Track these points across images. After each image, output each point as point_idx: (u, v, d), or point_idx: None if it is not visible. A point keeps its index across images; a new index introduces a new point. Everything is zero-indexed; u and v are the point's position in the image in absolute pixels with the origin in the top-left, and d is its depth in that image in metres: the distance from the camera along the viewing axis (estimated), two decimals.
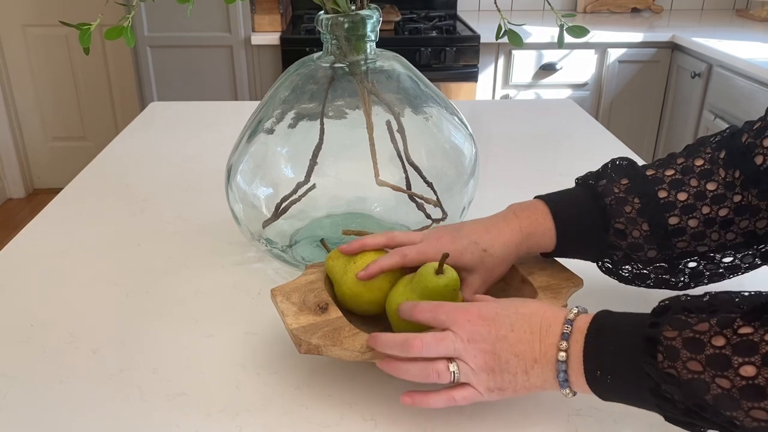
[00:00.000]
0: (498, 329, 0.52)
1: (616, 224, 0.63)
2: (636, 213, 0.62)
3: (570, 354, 0.50)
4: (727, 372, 0.42)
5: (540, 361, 0.51)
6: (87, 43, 0.66)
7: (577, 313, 0.52)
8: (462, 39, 2.46)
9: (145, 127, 1.37)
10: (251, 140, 0.76)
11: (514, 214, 0.65)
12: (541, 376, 0.51)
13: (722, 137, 0.63)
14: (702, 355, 0.43)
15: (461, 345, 0.52)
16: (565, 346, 0.50)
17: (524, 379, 0.52)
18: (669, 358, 0.44)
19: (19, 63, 2.96)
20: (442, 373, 0.52)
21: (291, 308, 0.59)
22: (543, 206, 0.65)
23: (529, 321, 0.52)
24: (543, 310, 0.53)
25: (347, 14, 0.72)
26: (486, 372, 0.52)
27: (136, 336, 0.68)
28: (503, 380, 0.52)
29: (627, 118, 2.62)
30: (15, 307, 0.74)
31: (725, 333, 0.43)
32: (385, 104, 0.74)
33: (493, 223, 0.65)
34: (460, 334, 0.53)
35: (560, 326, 0.51)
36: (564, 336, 0.50)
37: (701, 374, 0.43)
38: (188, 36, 2.47)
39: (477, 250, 0.63)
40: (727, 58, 2.16)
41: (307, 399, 0.59)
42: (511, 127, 1.36)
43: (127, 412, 0.58)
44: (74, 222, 0.94)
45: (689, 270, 0.65)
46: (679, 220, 0.62)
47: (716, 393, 0.42)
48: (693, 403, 0.44)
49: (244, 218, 0.78)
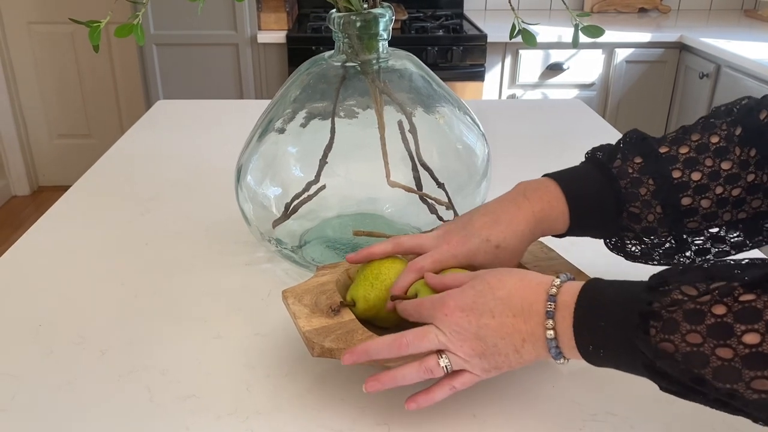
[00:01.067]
0: (478, 318, 0.51)
1: (631, 208, 0.62)
2: (650, 195, 0.61)
3: (558, 331, 0.49)
4: (729, 341, 0.40)
5: (529, 340, 0.50)
6: (97, 41, 0.66)
7: (559, 285, 0.50)
8: (469, 38, 2.45)
9: (151, 126, 1.36)
10: (262, 139, 0.75)
11: (525, 196, 0.63)
12: (533, 353, 0.51)
13: (738, 111, 0.61)
14: (702, 325, 0.41)
15: (445, 338, 0.52)
16: (552, 324, 0.49)
17: (516, 357, 0.51)
18: (665, 331, 0.42)
19: (25, 60, 2.96)
20: (434, 369, 0.52)
21: (303, 310, 0.59)
22: (555, 187, 0.63)
23: (509, 303, 0.51)
24: (521, 287, 0.51)
25: (360, 12, 0.71)
26: (477, 357, 0.52)
27: (144, 337, 0.68)
28: (496, 361, 0.52)
29: (634, 118, 2.61)
30: (23, 307, 0.73)
31: (726, 301, 0.41)
32: (397, 104, 0.73)
33: (503, 210, 0.62)
34: (442, 328, 0.53)
35: (543, 304, 0.49)
36: (548, 314, 0.49)
37: (700, 346, 0.41)
38: (194, 34, 2.47)
39: (490, 248, 0.61)
40: (735, 59, 2.15)
41: (319, 402, 0.59)
42: (519, 127, 1.35)
43: (137, 415, 0.57)
44: (81, 221, 0.93)
45: (695, 247, 0.64)
46: (691, 200, 0.61)
47: (716, 365, 0.41)
48: (690, 378, 0.42)
49: (254, 218, 0.77)
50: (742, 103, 0.62)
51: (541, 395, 0.60)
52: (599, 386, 0.61)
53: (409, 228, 0.79)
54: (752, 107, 0.61)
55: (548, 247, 0.70)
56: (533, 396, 0.60)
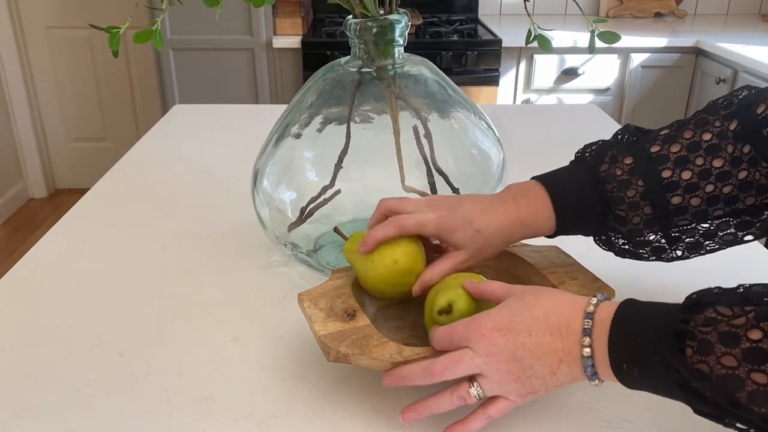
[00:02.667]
0: (515, 337, 0.51)
1: (616, 211, 0.62)
2: (639, 196, 0.61)
3: (594, 349, 0.48)
4: (764, 366, 0.40)
5: (565, 360, 0.50)
6: (116, 46, 0.66)
7: (596, 304, 0.50)
8: (483, 43, 2.45)
9: (167, 130, 1.37)
10: (278, 144, 0.76)
11: (514, 200, 0.63)
12: (569, 374, 0.50)
13: (735, 105, 0.61)
14: (737, 348, 0.41)
15: (480, 360, 0.51)
16: (588, 342, 0.48)
17: (553, 379, 0.51)
18: (701, 352, 0.42)
19: (43, 64, 3.00)
20: (466, 397, 0.53)
21: (318, 314, 0.59)
22: (542, 192, 0.63)
23: (546, 322, 0.51)
24: (558, 306, 0.51)
25: (376, 19, 0.71)
26: (513, 382, 0.51)
27: (161, 339, 0.68)
28: (532, 385, 0.51)
29: (649, 124, 2.58)
30: (41, 309, 0.74)
31: (762, 326, 0.41)
32: (412, 109, 0.74)
33: (492, 206, 0.63)
34: (478, 350, 0.52)
35: (580, 322, 0.49)
36: (585, 332, 0.49)
37: (736, 369, 0.41)
38: (210, 39, 2.49)
39: (470, 229, 0.62)
40: (752, 64, 2.13)
41: (334, 406, 0.59)
42: (534, 132, 1.35)
43: (154, 417, 0.58)
44: (98, 225, 0.94)
45: (686, 243, 0.64)
46: (681, 199, 0.61)
47: (751, 389, 0.40)
48: (725, 401, 0.42)
49: (270, 222, 0.78)
50: (740, 95, 0.61)
51: (558, 401, 0.60)
52: (616, 393, 0.60)
53: None
54: (751, 101, 0.60)
55: (565, 253, 0.70)
56: (549, 402, 0.60)
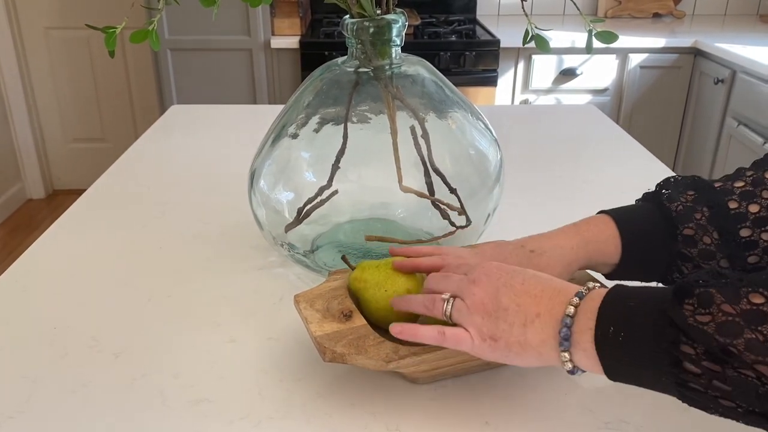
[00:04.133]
0: (508, 278, 0.51)
1: (685, 230, 0.60)
2: (706, 221, 0.59)
3: (580, 310, 0.47)
4: (762, 326, 0.39)
5: (543, 316, 0.48)
6: (113, 47, 0.66)
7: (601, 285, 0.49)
8: (481, 43, 2.44)
9: (165, 130, 1.37)
10: (275, 144, 0.76)
11: (574, 224, 0.63)
12: (540, 333, 0.48)
13: None
14: (738, 306, 0.40)
15: (464, 284, 0.53)
16: (577, 302, 0.47)
17: (520, 332, 0.49)
18: (701, 305, 0.41)
19: (41, 65, 2.99)
20: (436, 303, 0.54)
21: (315, 315, 0.59)
22: (605, 216, 0.63)
23: (543, 284, 0.50)
24: (562, 281, 0.51)
25: (373, 19, 0.71)
26: (480, 314, 0.51)
27: (158, 340, 0.68)
28: (497, 328, 0.50)
29: (648, 124, 2.60)
30: (38, 310, 0.74)
31: (762, 292, 0.40)
32: (410, 109, 0.73)
33: (548, 233, 0.63)
34: (469, 275, 0.53)
35: (575, 289, 0.49)
36: (578, 294, 0.48)
37: (735, 317, 0.40)
38: (208, 39, 2.49)
39: (523, 252, 0.61)
40: (751, 64, 2.13)
41: (331, 407, 0.59)
42: (532, 133, 1.35)
43: (150, 418, 0.58)
44: (95, 225, 0.94)
45: None
46: (751, 232, 0.58)
47: (749, 337, 0.39)
48: (720, 348, 0.40)
49: (267, 222, 0.78)
50: None
51: (555, 403, 0.60)
52: (613, 394, 0.60)
53: (422, 233, 0.79)
54: None
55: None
56: (547, 403, 0.59)
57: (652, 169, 1.15)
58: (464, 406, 0.59)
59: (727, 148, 2.28)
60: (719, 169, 2.32)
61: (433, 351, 0.56)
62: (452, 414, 0.58)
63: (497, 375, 0.63)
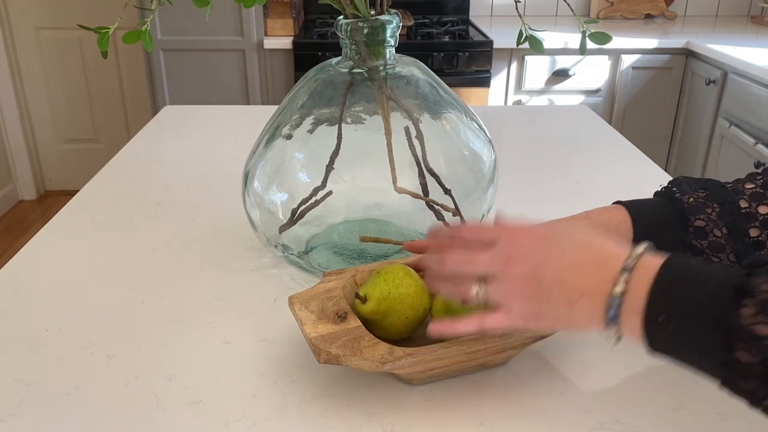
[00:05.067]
0: (546, 250, 0.47)
1: (696, 221, 0.60)
2: (716, 216, 0.59)
3: (629, 290, 0.44)
4: None
5: (588, 293, 0.45)
6: (105, 47, 0.66)
7: (644, 250, 0.46)
8: (474, 44, 2.45)
9: (158, 131, 1.36)
10: (269, 145, 0.76)
11: (585, 211, 0.63)
12: (587, 311, 0.46)
13: None
14: None
15: (496, 265, 0.49)
16: (626, 277, 0.44)
17: (567, 311, 0.47)
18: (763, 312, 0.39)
19: (32, 65, 2.98)
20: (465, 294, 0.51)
21: (309, 317, 0.59)
22: (617, 205, 0.63)
23: (585, 251, 0.47)
24: (603, 242, 0.48)
25: (367, 19, 0.71)
26: (521, 298, 0.48)
27: (151, 342, 0.68)
28: (542, 309, 0.47)
29: (640, 125, 2.61)
30: (31, 312, 0.73)
31: None
32: (404, 110, 0.73)
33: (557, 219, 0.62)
34: (501, 250, 0.49)
35: (621, 261, 0.45)
36: (626, 268, 0.45)
37: None
38: (201, 40, 2.48)
39: None
40: (742, 65, 2.14)
41: (326, 409, 0.58)
42: (525, 133, 1.35)
43: (144, 420, 0.57)
44: (88, 227, 0.93)
45: None
46: (759, 232, 0.59)
47: None
48: None
49: (261, 224, 0.77)
50: None
51: (550, 403, 0.60)
52: (608, 394, 0.61)
53: (416, 234, 0.79)
54: None
55: None
56: (541, 404, 0.59)
57: (645, 169, 1.15)
58: (459, 406, 0.59)
59: (719, 149, 2.29)
60: (711, 170, 2.33)
61: (429, 352, 0.56)
62: (447, 414, 0.58)
63: (492, 375, 0.63)
